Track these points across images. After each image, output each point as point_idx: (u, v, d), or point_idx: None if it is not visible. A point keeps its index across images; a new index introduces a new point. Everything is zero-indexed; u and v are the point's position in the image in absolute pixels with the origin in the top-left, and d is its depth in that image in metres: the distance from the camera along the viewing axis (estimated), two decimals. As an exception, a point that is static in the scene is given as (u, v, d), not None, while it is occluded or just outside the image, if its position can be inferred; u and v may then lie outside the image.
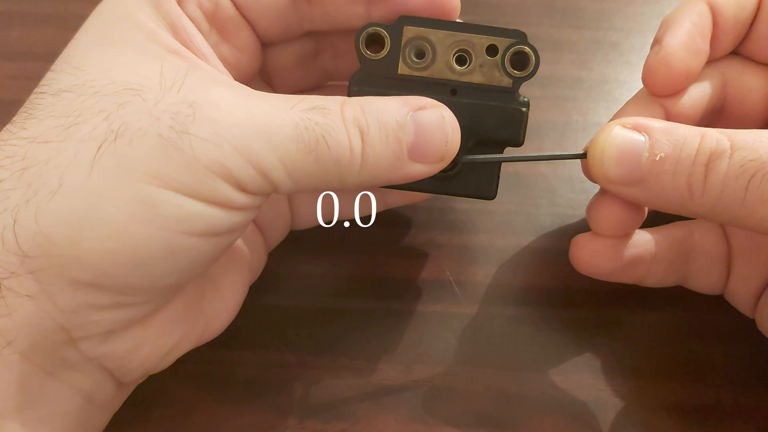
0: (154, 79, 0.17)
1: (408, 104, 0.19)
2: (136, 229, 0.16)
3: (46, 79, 0.18)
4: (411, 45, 0.21)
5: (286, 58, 0.24)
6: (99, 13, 0.20)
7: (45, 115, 0.17)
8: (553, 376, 0.24)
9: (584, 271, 0.23)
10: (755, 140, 0.18)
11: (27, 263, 0.16)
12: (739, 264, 0.24)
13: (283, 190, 0.18)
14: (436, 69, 0.21)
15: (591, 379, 0.24)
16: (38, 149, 0.16)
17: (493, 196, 0.22)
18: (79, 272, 0.16)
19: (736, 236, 0.24)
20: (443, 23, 0.21)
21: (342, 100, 0.18)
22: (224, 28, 0.21)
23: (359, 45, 0.21)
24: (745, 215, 0.18)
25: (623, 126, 0.19)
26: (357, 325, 0.25)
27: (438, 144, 0.19)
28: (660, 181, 0.19)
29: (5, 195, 0.16)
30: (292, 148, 0.17)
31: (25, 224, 0.16)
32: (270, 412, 0.23)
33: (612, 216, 0.21)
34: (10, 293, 0.16)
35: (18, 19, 0.34)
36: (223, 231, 0.18)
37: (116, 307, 0.17)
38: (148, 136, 0.16)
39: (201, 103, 0.17)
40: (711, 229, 0.24)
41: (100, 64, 0.18)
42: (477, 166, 0.22)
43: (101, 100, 0.17)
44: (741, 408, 0.23)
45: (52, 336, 0.17)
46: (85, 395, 0.18)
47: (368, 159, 0.18)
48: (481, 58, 0.21)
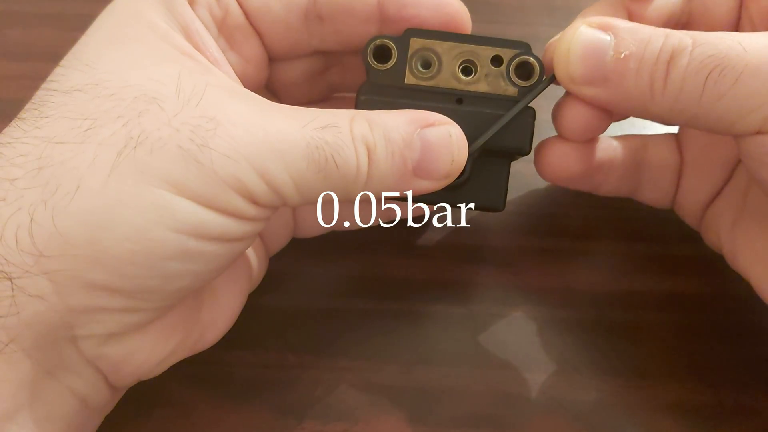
0: (170, 87, 0.17)
1: (416, 121, 0.19)
2: (153, 231, 0.16)
3: (56, 74, 0.18)
4: (417, 56, 0.21)
5: (294, 73, 0.24)
6: (110, 11, 0.20)
7: (59, 115, 0.17)
8: (553, 376, 0.24)
9: (550, 175, 0.23)
10: (717, 37, 0.18)
11: (42, 263, 0.16)
12: (689, 176, 0.24)
13: (291, 203, 0.18)
14: (443, 79, 0.21)
15: (591, 379, 0.24)
16: (54, 149, 0.16)
17: (501, 208, 0.22)
18: (95, 273, 0.16)
19: (689, 148, 0.24)
20: (448, 35, 0.21)
21: (351, 117, 0.18)
22: (232, 36, 0.21)
23: (367, 56, 0.21)
24: (703, 113, 0.18)
25: (589, 25, 0.20)
26: (357, 325, 0.25)
27: (444, 162, 0.19)
28: (623, 80, 0.19)
29: (19, 193, 0.16)
30: (302, 166, 0.17)
31: (42, 223, 0.16)
32: (270, 412, 0.23)
33: (579, 117, 0.21)
34: (21, 292, 0.16)
35: (18, 19, 0.34)
36: (234, 238, 0.18)
37: (126, 310, 0.17)
38: (168, 147, 0.16)
39: (221, 119, 0.17)
40: (664, 141, 0.24)
41: (112, 63, 0.18)
42: (485, 176, 0.22)
43: (119, 105, 0.17)
44: (741, 408, 0.23)
45: (55, 332, 0.17)
46: (80, 398, 0.18)
47: (374, 176, 0.18)
48: (487, 68, 0.21)
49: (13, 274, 0.16)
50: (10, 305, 0.16)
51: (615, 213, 0.27)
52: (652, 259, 0.26)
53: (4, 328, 0.16)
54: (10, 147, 0.17)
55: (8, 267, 0.16)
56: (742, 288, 0.23)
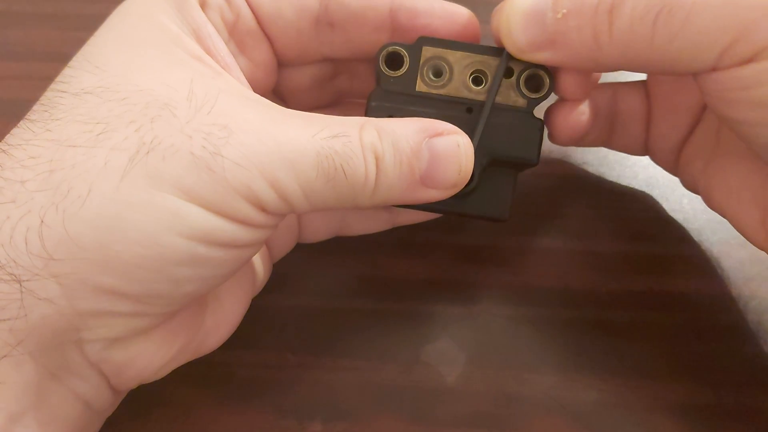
0: (182, 92, 0.17)
1: (424, 130, 0.19)
2: (163, 237, 0.16)
3: (65, 75, 0.18)
4: (429, 64, 0.21)
5: (302, 79, 0.24)
6: (120, 12, 0.20)
7: (70, 118, 0.17)
8: (553, 376, 0.24)
9: (565, 137, 0.23)
10: None
11: (51, 266, 0.16)
12: (658, 122, 0.24)
13: (299, 211, 0.18)
14: (453, 87, 0.21)
15: (591, 379, 0.24)
16: (65, 153, 0.16)
17: (506, 218, 0.22)
18: (105, 277, 0.16)
19: (656, 94, 0.24)
20: (461, 44, 0.21)
21: (360, 125, 0.18)
22: (243, 41, 0.21)
23: (380, 63, 0.21)
24: (657, 57, 0.18)
25: None
26: (357, 325, 0.25)
27: (451, 172, 0.19)
28: (568, 39, 0.19)
29: (30, 196, 0.16)
30: (312, 175, 0.17)
31: (52, 226, 0.16)
32: (270, 412, 0.23)
33: (570, 78, 0.21)
34: (29, 296, 0.16)
35: (18, 19, 0.34)
36: (242, 245, 0.18)
37: (133, 315, 0.17)
38: (180, 154, 0.16)
39: (233, 127, 0.17)
40: (633, 88, 0.24)
41: (123, 65, 0.18)
42: (491, 185, 0.22)
43: (131, 110, 0.17)
44: (742, 408, 0.23)
45: (62, 335, 0.17)
46: (84, 401, 0.18)
47: (381, 185, 0.18)
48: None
49: (22, 277, 0.16)
50: (18, 308, 0.16)
51: (615, 213, 0.27)
52: (652, 259, 0.26)
53: (12, 330, 0.16)
54: (20, 149, 0.17)
55: (17, 269, 0.16)
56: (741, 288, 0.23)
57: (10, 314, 0.16)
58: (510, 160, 0.21)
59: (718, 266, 0.26)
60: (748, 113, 0.18)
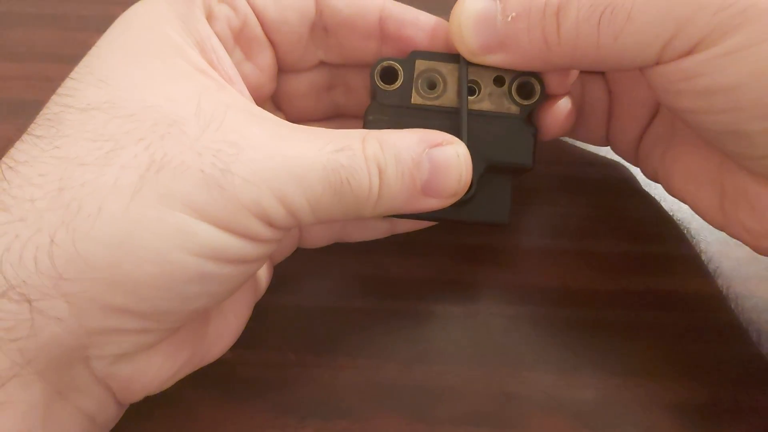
0: (189, 108, 0.17)
1: (424, 141, 0.19)
2: (173, 255, 0.16)
3: (68, 88, 0.18)
4: (423, 77, 0.22)
5: (299, 85, 0.24)
6: (123, 22, 0.19)
7: (78, 135, 0.17)
8: (552, 375, 0.24)
9: (561, 129, 0.23)
10: None
11: (61, 285, 0.16)
12: (617, 114, 0.25)
13: (305, 223, 0.19)
14: (448, 98, 0.22)
15: (591, 379, 0.24)
16: (75, 171, 0.16)
17: (507, 222, 0.22)
18: (114, 296, 0.16)
19: (615, 87, 0.25)
20: (452, 57, 0.22)
21: (363, 137, 0.19)
22: (249, 47, 0.22)
23: (374, 77, 0.22)
24: (604, 55, 0.19)
25: None
26: (357, 324, 0.25)
27: (451, 181, 0.19)
28: (518, 41, 0.20)
29: (39, 214, 0.16)
30: (318, 189, 0.18)
31: (62, 246, 0.16)
32: (271, 411, 0.23)
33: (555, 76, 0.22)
34: (39, 315, 0.16)
35: (18, 19, 0.34)
36: (250, 260, 0.18)
37: (141, 331, 0.17)
38: (190, 171, 0.16)
39: (242, 144, 0.17)
40: (595, 81, 0.25)
41: (127, 78, 0.18)
42: (490, 191, 0.22)
43: (139, 127, 0.17)
44: (740, 407, 0.23)
45: (70, 353, 0.17)
46: (89, 416, 0.18)
47: (384, 195, 0.19)
48: (490, 88, 0.22)
49: (31, 296, 0.16)
50: (29, 328, 0.16)
51: (615, 213, 0.27)
52: (650, 258, 0.26)
53: (22, 350, 0.16)
54: (28, 166, 0.17)
55: (26, 288, 0.16)
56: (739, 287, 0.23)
57: (20, 334, 0.16)
58: (506, 165, 0.22)
59: (717, 266, 0.26)
60: (694, 102, 0.19)
